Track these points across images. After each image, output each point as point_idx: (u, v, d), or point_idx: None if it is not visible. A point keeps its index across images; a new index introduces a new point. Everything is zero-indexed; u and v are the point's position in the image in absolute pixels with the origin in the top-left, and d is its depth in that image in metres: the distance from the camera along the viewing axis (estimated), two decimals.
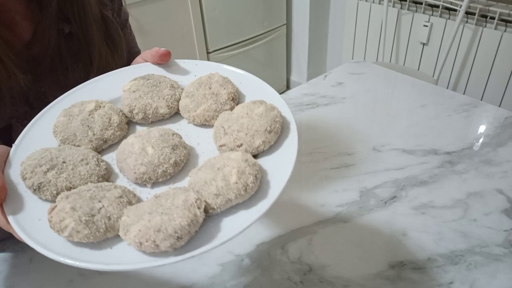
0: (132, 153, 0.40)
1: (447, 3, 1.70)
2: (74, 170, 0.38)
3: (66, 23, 0.57)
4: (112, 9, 0.65)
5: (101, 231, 0.34)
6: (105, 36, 0.60)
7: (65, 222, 0.34)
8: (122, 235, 0.34)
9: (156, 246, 0.32)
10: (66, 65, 0.58)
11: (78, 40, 0.58)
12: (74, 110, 0.45)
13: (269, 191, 0.37)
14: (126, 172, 0.40)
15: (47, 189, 0.37)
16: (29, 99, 0.56)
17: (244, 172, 0.36)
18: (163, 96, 0.46)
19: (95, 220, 0.34)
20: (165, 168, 0.39)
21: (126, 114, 0.46)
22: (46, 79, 0.57)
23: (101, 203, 0.35)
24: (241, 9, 2.08)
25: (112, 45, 0.61)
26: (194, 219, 0.33)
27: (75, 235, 0.33)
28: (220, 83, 0.46)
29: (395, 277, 0.56)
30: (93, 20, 0.57)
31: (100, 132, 0.43)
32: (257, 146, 0.40)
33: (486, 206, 0.67)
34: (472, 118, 0.90)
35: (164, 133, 0.42)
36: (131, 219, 0.34)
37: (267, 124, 0.40)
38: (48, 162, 0.38)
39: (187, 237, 0.33)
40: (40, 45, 0.55)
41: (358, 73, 1.11)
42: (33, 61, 0.55)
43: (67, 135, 0.43)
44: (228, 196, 0.35)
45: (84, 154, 0.40)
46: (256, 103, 0.43)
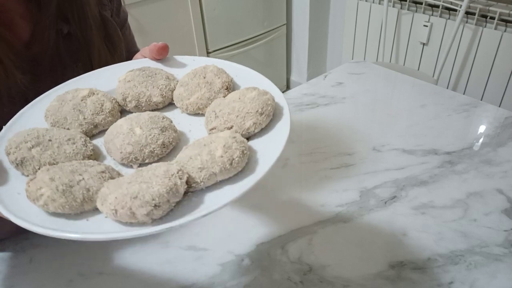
0: (120, 134, 0.39)
1: (447, 3, 1.70)
2: (59, 148, 0.38)
3: (65, 23, 0.57)
4: (111, 9, 0.65)
5: (77, 201, 0.33)
6: (104, 37, 0.60)
7: (41, 190, 0.33)
8: (99, 205, 0.33)
9: (132, 214, 0.30)
10: (65, 65, 0.58)
11: (77, 40, 0.58)
12: (68, 96, 0.45)
13: (257, 168, 0.35)
14: (113, 152, 0.39)
15: (29, 164, 0.36)
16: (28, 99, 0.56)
17: (231, 147, 0.35)
18: (158, 86, 0.46)
19: (72, 190, 0.33)
20: (152, 149, 0.38)
21: (119, 102, 0.46)
22: (46, 79, 0.57)
23: (82, 176, 0.34)
24: (241, 9, 2.08)
25: (111, 46, 0.61)
26: (173, 187, 0.31)
27: (50, 203, 0.32)
28: (215, 73, 0.46)
29: (395, 277, 0.56)
30: (92, 21, 0.57)
31: (91, 116, 0.43)
32: (247, 128, 0.39)
33: (486, 206, 0.67)
34: (472, 118, 0.90)
35: (154, 115, 0.41)
36: (110, 190, 0.33)
37: (258, 106, 0.40)
38: (34, 139, 0.38)
39: (165, 206, 0.31)
40: (39, 45, 0.55)
41: (358, 73, 1.11)
42: (32, 61, 0.55)
43: (58, 118, 0.43)
44: (212, 170, 0.34)
45: (72, 134, 0.40)
46: (249, 89, 0.42)
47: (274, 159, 0.35)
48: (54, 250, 0.62)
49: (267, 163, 0.35)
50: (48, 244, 0.63)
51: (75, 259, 0.60)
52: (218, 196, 0.34)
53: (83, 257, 0.61)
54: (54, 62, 0.57)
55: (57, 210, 0.32)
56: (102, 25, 0.59)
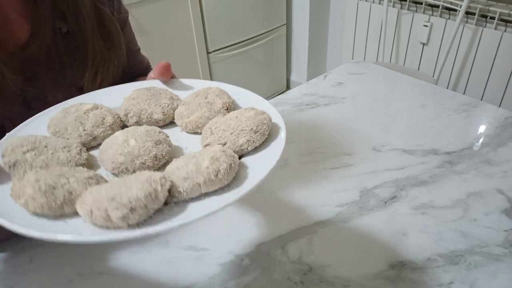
0: (114, 144, 0.40)
1: (447, 3, 1.70)
2: (53, 155, 0.39)
3: (64, 22, 0.57)
4: (111, 7, 0.65)
5: (58, 203, 0.33)
6: (100, 30, 0.59)
7: (24, 189, 0.33)
8: (78, 207, 0.32)
9: (107, 217, 0.30)
10: (64, 63, 0.58)
11: (76, 39, 0.58)
12: (72, 108, 0.46)
13: (244, 184, 0.35)
14: (105, 162, 0.39)
15: (21, 167, 0.37)
16: (27, 99, 0.56)
17: (218, 159, 0.35)
18: (160, 104, 0.47)
19: (54, 192, 0.33)
20: (144, 160, 0.38)
21: (121, 118, 0.47)
22: (45, 77, 0.57)
23: (67, 180, 0.34)
24: (241, 9, 2.08)
25: (108, 40, 0.60)
26: (152, 192, 0.31)
27: (30, 202, 0.32)
28: (217, 94, 0.47)
29: (395, 277, 0.56)
30: (86, 14, 0.57)
31: (91, 128, 0.44)
32: (240, 144, 0.39)
33: (486, 206, 0.67)
34: (472, 118, 0.90)
35: (151, 129, 0.42)
36: (90, 194, 0.33)
37: (253, 125, 0.40)
38: (30, 144, 0.39)
39: (141, 210, 0.30)
40: (38, 42, 0.55)
41: (358, 73, 1.11)
42: (30, 60, 0.55)
43: (59, 128, 0.44)
44: (196, 180, 0.33)
45: (68, 143, 0.41)
46: (248, 109, 0.43)
47: (263, 175, 0.35)
48: (54, 250, 0.62)
49: (254, 180, 0.35)
50: (48, 244, 0.63)
51: (75, 259, 0.60)
52: (200, 207, 0.33)
53: (83, 257, 0.61)
54: (52, 60, 0.57)
55: (36, 210, 0.32)
56: (97, 19, 0.59)
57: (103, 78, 0.60)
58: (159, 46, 1.82)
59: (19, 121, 0.55)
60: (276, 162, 0.36)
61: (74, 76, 0.59)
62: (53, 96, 0.58)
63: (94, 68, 0.59)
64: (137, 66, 0.74)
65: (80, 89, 0.60)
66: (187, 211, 0.33)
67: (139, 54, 0.75)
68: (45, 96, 0.58)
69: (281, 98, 1.02)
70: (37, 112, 0.57)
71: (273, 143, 0.40)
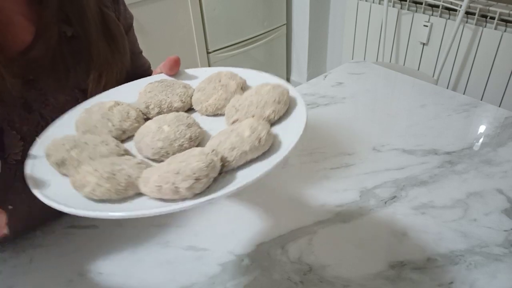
0: (150, 132, 0.42)
1: (447, 3, 1.70)
2: (95, 149, 0.40)
3: (69, 26, 0.57)
4: (117, 11, 0.65)
5: (122, 185, 0.35)
6: (104, 34, 0.59)
7: (87, 178, 0.35)
8: (142, 187, 0.35)
9: (176, 189, 0.32)
10: (67, 66, 0.58)
11: (80, 42, 0.58)
12: (94, 108, 0.48)
13: (282, 147, 0.38)
14: (144, 149, 0.42)
15: (69, 163, 0.39)
16: (27, 102, 0.56)
17: (257, 128, 0.38)
18: (177, 93, 0.50)
19: (116, 177, 0.35)
20: (181, 142, 0.41)
21: (142, 111, 0.49)
22: (48, 80, 0.57)
23: (121, 166, 0.37)
24: (241, 9, 2.08)
25: (113, 44, 0.60)
26: (211, 162, 0.34)
27: (97, 189, 0.34)
28: (229, 76, 0.49)
29: (395, 277, 0.56)
30: (91, 17, 0.57)
31: (119, 123, 0.46)
32: (267, 115, 0.42)
33: (486, 206, 0.67)
34: (472, 118, 0.90)
35: (179, 115, 0.44)
36: (150, 173, 0.35)
37: (275, 96, 0.43)
38: (70, 142, 0.40)
39: (205, 179, 0.33)
40: (42, 45, 0.55)
41: (358, 73, 1.11)
42: (33, 63, 0.55)
43: (88, 127, 0.45)
44: (243, 148, 0.36)
45: (104, 138, 0.43)
46: (263, 85, 0.46)
47: (297, 137, 0.38)
48: (54, 250, 0.62)
49: (291, 141, 0.38)
50: (48, 244, 0.63)
51: (75, 259, 0.60)
52: (249, 172, 0.36)
53: (83, 257, 0.61)
54: (56, 62, 0.57)
55: (104, 196, 0.35)
56: (102, 22, 0.59)
57: (107, 81, 0.60)
58: (159, 46, 1.82)
59: (18, 124, 0.55)
60: (305, 124, 0.40)
61: (77, 78, 0.59)
62: (55, 98, 0.58)
63: (99, 71, 0.59)
64: (139, 68, 0.74)
65: (83, 91, 0.60)
66: (239, 177, 0.36)
67: (141, 56, 0.76)
68: (47, 98, 0.57)
69: None
70: (38, 115, 0.57)
71: (295, 111, 0.44)
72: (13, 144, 0.55)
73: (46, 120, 0.58)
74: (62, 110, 0.59)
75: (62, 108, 0.59)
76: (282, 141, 0.39)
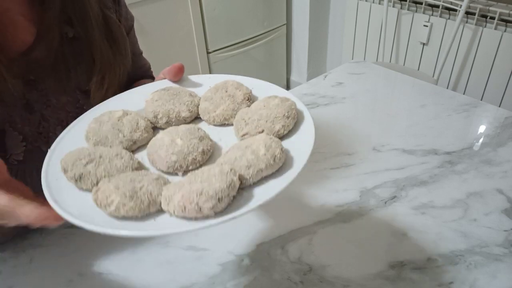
0: (163, 145, 0.43)
1: (447, 3, 1.70)
2: (110, 163, 0.41)
3: (70, 27, 0.57)
4: (118, 13, 0.65)
5: (145, 203, 0.36)
6: (106, 36, 0.60)
7: (111, 197, 0.36)
8: (164, 206, 0.36)
9: (199, 209, 0.34)
10: (69, 67, 0.58)
11: (81, 42, 0.58)
12: (104, 117, 0.48)
13: (294, 163, 0.39)
14: (158, 163, 0.42)
15: (88, 179, 0.39)
16: (29, 103, 0.56)
17: (271, 146, 0.39)
18: (184, 102, 0.50)
19: (138, 195, 0.36)
20: (195, 156, 0.42)
21: (150, 120, 0.50)
22: (49, 81, 0.57)
23: (141, 183, 0.38)
24: (241, 9, 2.07)
25: (114, 46, 0.60)
26: (232, 182, 0.35)
27: (121, 207, 0.35)
28: (235, 86, 0.50)
29: (395, 277, 0.56)
30: (93, 19, 0.57)
31: (129, 134, 0.46)
32: (277, 130, 0.43)
33: (486, 206, 0.67)
34: (472, 118, 0.90)
35: (190, 127, 0.45)
36: (172, 191, 0.36)
37: (284, 111, 0.44)
38: (86, 156, 0.41)
39: (226, 199, 0.35)
40: (43, 46, 0.55)
41: (358, 73, 1.11)
42: (35, 63, 0.55)
43: (99, 138, 0.46)
44: (259, 166, 0.38)
45: (117, 150, 0.43)
46: (271, 97, 0.47)
47: (308, 153, 0.39)
48: (54, 250, 0.62)
49: (303, 157, 0.39)
50: (48, 244, 0.63)
51: (75, 259, 0.60)
52: (266, 189, 0.38)
53: (83, 257, 0.61)
54: (58, 63, 0.57)
55: (128, 214, 0.36)
56: (104, 25, 0.59)
57: (110, 83, 0.60)
58: (159, 46, 1.82)
59: (20, 125, 0.55)
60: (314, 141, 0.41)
61: (78, 79, 0.59)
62: (56, 99, 0.58)
63: (101, 73, 0.59)
64: (139, 69, 0.74)
65: (84, 93, 0.60)
66: (257, 194, 0.37)
67: (141, 57, 0.76)
68: (49, 99, 0.57)
69: None
70: (40, 116, 0.57)
71: (302, 125, 0.45)
72: (15, 145, 0.55)
73: (48, 121, 0.58)
74: (63, 110, 0.59)
75: (63, 109, 0.59)
76: (293, 156, 0.40)
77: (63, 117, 0.59)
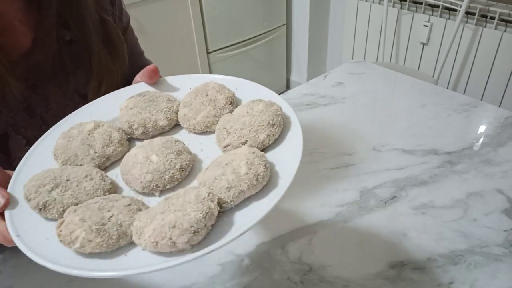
0: (137, 163, 0.39)
1: (447, 3, 1.70)
2: (79, 187, 0.37)
3: (67, 30, 0.57)
4: (114, 14, 0.64)
5: (113, 238, 0.33)
6: (104, 40, 0.59)
7: (75, 233, 0.32)
8: (135, 239, 0.33)
9: (172, 244, 0.30)
10: (67, 71, 0.58)
11: (79, 46, 0.58)
12: (73, 131, 0.44)
13: (279, 181, 0.36)
14: (132, 183, 0.39)
15: (53, 207, 0.36)
16: (30, 106, 0.56)
17: (254, 163, 0.35)
18: (161, 109, 0.46)
19: (106, 228, 0.33)
20: (172, 174, 0.38)
21: (125, 131, 0.46)
22: (48, 84, 0.57)
23: (111, 212, 0.34)
24: (241, 9, 2.07)
25: (112, 50, 0.60)
26: (208, 211, 0.32)
27: (87, 244, 0.32)
28: (217, 89, 0.46)
29: (395, 277, 0.56)
30: (91, 24, 0.57)
31: (102, 149, 0.42)
32: (262, 141, 0.39)
33: (486, 206, 0.67)
34: (472, 118, 0.90)
35: (167, 140, 0.41)
36: (144, 222, 0.33)
37: (269, 118, 0.40)
38: (51, 181, 0.37)
39: (203, 231, 0.31)
40: (41, 51, 0.55)
41: (358, 73, 1.11)
42: (33, 67, 0.55)
43: (68, 156, 0.42)
44: (240, 188, 0.34)
45: (87, 171, 0.39)
46: (255, 102, 0.43)
47: (295, 168, 0.36)
48: None
49: (289, 173, 0.36)
50: None
51: None
52: (248, 213, 0.34)
53: None
54: (56, 67, 0.57)
55: (95, 250, 0.32)
56: (102, 29, 0.59)
57: (107, 88, 0.60)
58: (159, 46, 1.82)
59: (21, 129, 0.55)
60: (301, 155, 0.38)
61: (77, 83, 0.59)
62: (56, 103, 0.58)
63: (99, 78, 0.58)
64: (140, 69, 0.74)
65: (83, 96, 0.60)
66: (238, 220, 0.34)
67: (142, 57, 0.75)
68: (49, 103, 0.57)
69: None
70: (40, 119, 0.57)
71: (290, 132, 0.41)
72: (19, 149, 0.55)
73: (48, 125, 0.58)
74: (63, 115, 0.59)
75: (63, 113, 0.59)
76: (278, 171, 0.37)
77: None
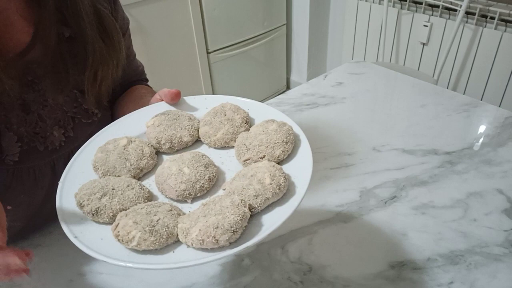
0: (171, 175, 0.45)
1: (447, 3, 1.70)
2: (123, 195, 0.44)
3: (66, 27, 0.57)
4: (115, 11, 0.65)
5: (164, 237, 0.39)
6: (99, 29, 0.59)
7: (132, 233, 0.38)
8: (182, 238, 0.39)
9: (216, 241, 0.37)
10: (67, 67, 0.58)
11: (78, 42, 0.58)
12: (109, 146, 0.50)
13: (296, 189, 0.42)
14: (168, 192, 0.45)
15: (104, 212, 0.42)
16: (26, 103, 0.56)
17: (275, 175, 0.42)
18: (184, 127, 0.52)
19: (157, 229, 0.39)
20: (202, 184, 0.45)
21: (154, 146, 0.52)
22: (47, 81, 0.57)
23: (157, 216, 0.41)
24: (241, 9, 2.07)
25: (107, 39, 0.60)
26: (244, 214, 0.39)
27: (143, 243, 0.38)
28: (233, 110, 0.53)
29: (395, 277, 0.56)
30: (85, 13, 0.56)
31: (136, 162, 0.48)
32: (278, 156, 0.46)
33: (486, 206, 0.67)
34: (472, 118, 0.90)
35: (195, 155, 0.48)
36: (187, 224, 0.39)
37: (283, 137, 0.47)
38: (100, 190, 0.43)
39: (240, 230, 0.38)
40: (41, 45, 0.55)
41: (358, 73, 1.11)
42: (32, 63, 0.55)
43: (108, 168, 0.48)
44: (266, 195, 0.41)
45: (127, 181, 0.45)
46: (269, 122, 0.50)
47: (309, 178, 0.42)
48: (54, 250, 0.62)
49: (304, 183, 0.42)
50: (48, 244, 0.63)
51: (75, 259, 0.60)
52: (272, 216, 0.41)
53: (83, 257, 0.61)
54: (56, 63, 0.57)
55: (149, 248, 0.38)
56: (96, 18, 0.59)
57: (103, 78, 0.60)
58: (159, 46, 1.82)
59: (15, 126, 0.55)
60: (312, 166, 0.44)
61: (76, 78, 0.59)
62: (53, 99, 0.58)
63: (94, 67, 0.58)
64: (133, 71, 0.75)
65: (81, 92, 0.60)
66: (265, 221, 0.41)
67: (135, 60, 0.76)
68: (46, 99, 0.57)
69: (281, 98, 1.02)
70: (37, 116, 0.57)
71: (300, 149, 0.48)
72: (10, 146, 0.55)
73: (44, 121, 0.58)
74: (60, 110, 0.59)
75: (60, 108, 0.59)
76: (294, 182, 0.43)
77: (60, 117, 0.59)
